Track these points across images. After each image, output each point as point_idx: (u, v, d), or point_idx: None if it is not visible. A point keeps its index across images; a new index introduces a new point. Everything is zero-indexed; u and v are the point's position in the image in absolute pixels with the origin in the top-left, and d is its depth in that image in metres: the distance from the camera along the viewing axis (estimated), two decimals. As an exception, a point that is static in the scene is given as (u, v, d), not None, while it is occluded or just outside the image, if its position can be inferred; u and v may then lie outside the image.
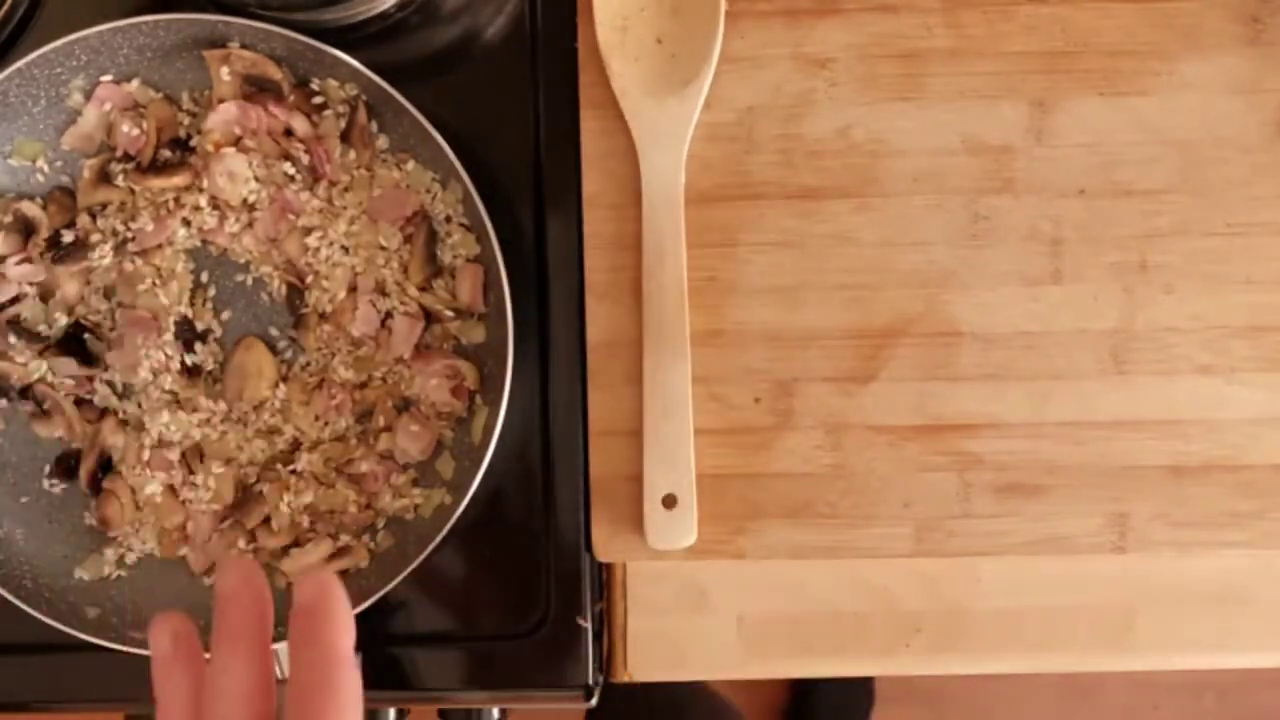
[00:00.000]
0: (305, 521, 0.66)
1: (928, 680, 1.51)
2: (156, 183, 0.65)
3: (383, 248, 0.65)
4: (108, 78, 0.65)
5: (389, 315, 0.66)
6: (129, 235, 0.66)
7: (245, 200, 0.66)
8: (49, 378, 0.66)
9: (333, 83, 0.65)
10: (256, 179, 0.65)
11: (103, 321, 0.67)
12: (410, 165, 0.66)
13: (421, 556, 0.62)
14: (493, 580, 0.66)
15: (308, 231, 0.66)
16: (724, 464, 0.65)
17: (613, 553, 0.66)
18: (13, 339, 0.66)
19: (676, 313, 0.65)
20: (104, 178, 0.66)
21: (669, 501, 0.64)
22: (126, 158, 0.66)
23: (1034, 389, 0.65)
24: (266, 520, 0.65)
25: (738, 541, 0.65)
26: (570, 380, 0.66)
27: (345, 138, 0.65)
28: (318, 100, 0.65)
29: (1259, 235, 0.65)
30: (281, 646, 0.62)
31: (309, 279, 0.66)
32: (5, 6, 0.67)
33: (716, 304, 0.66)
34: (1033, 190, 0.65)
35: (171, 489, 0.66)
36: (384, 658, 0.66)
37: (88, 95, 0.66)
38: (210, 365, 0.67)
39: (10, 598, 0.62)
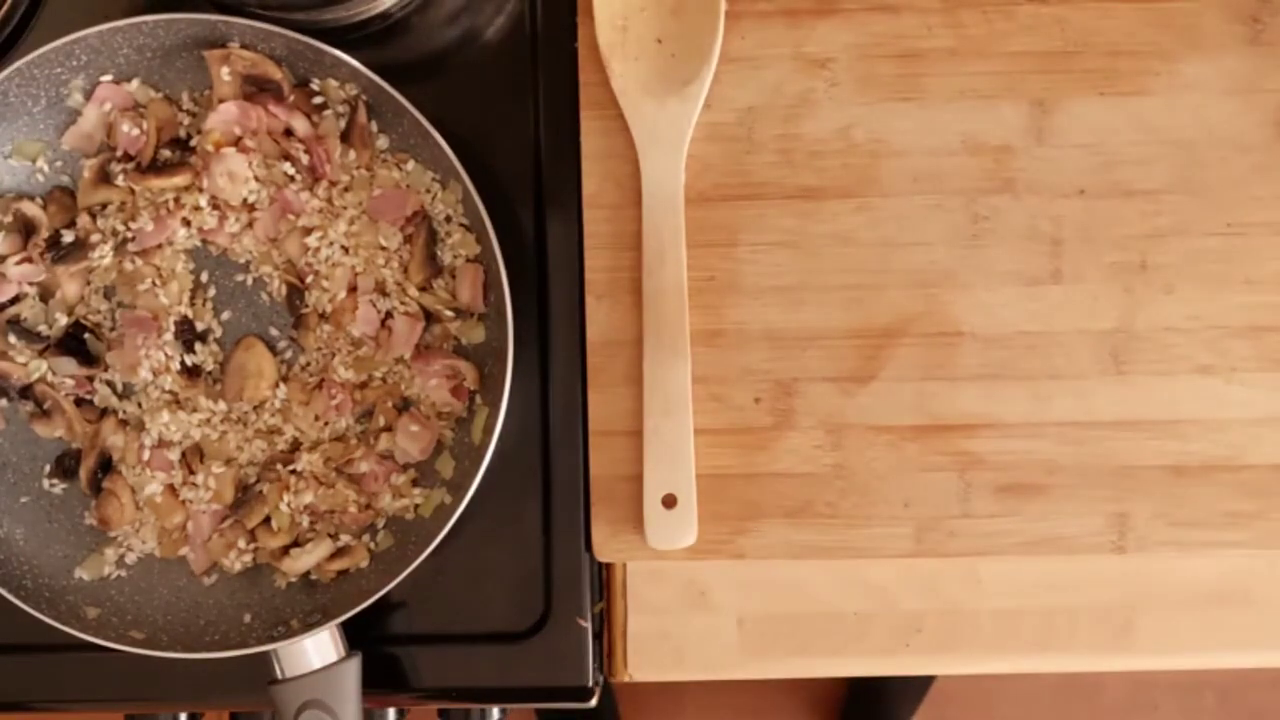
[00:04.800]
0: (305, 521, 0.66)
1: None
2: (156, 183, 0.65)
3: (383, 248, 0.65)
4: (108, 78, 0.65)
5: (389, 315, 0.65)
6: (129, 235, 0.66)
7: (245, 200, 0.65)
8: (49, 378, 0.66)
9: (333, 83, 0.65)
10: (256, 179, 0.65)
11: (103, 321, 0.67)
12: (410, 165, 0.66)
13: (421, 556, 0.62)
14: (493, 580, 0.66)
15: (308, 231, 0.66)
16: (724, 464, 0.65)
17: (613, 553, 0.66)
18: (13, 339, 0.66)
19: (676, 313, 0.65)
20: (104, 178, 0.66)
21: (669, 501, 0.64)
22: (126, 158, 0.66)
23: (1034, 389, 0.65)
24: (266, 520, 0.65)
25: (738, 541, 0.65)
26: (570, 380, 0.66)
27: (345, 138, 0.65)
28: (318, 100, 0.65)
29: (1259, 235, 0.65)
30: (281, 646, 0.63)
31: (309, 279, 0.66)
32: (5, 6, 0.67)
33: (716, 304, 0.66)
34: (1033, 190, 0.65)
35: (171, 489, 0.66)
36: (384, 658, 0.66)
37: (88, 95, 0.66)
38: (210, 365, 0.67)
39: (10, 598, 0.62)
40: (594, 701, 0.66)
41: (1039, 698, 1.52)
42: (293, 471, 0.65)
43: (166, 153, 0.66)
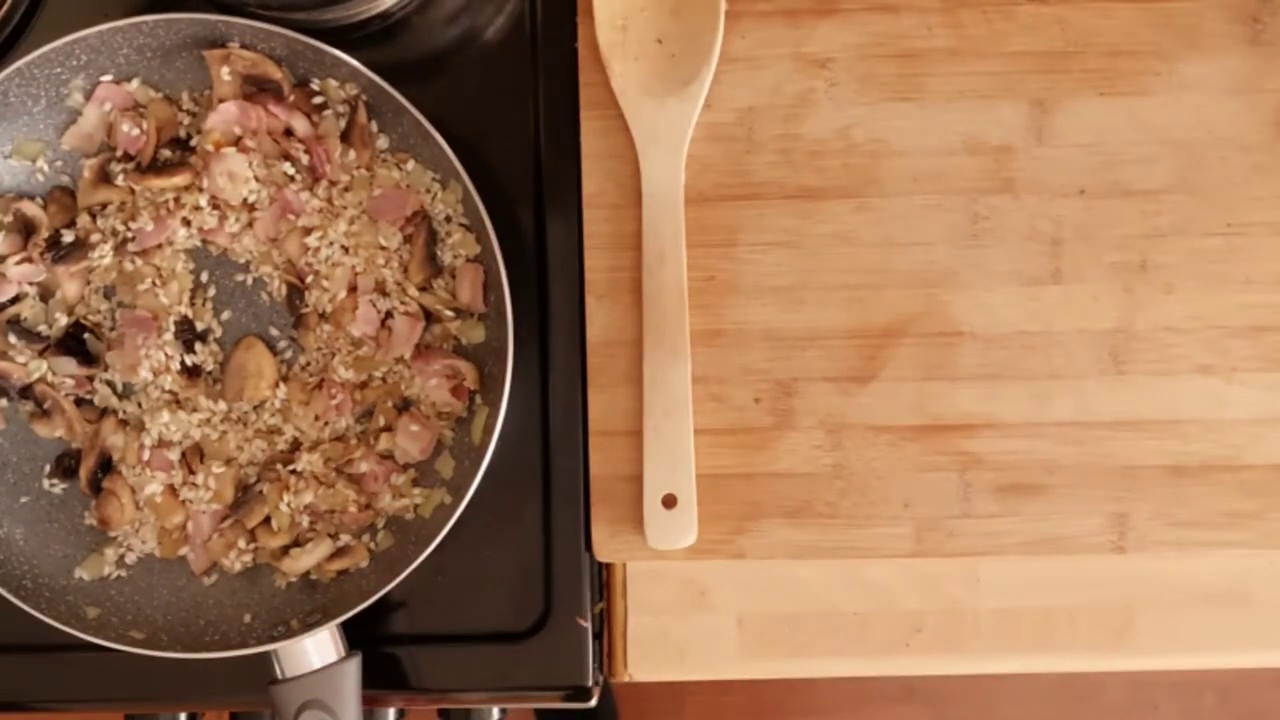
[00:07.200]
0: (305, 521, 0.66)
1: (928, 680, 1.51)
2: (156, 183, 0.65)
3: (383, 248, 0.65)
4: (108, 78, 0.65)
5: (389, 315, 0.65)
6: (129, 235, 0.66)
7: (245, 200, 0.66)
8: (49, 378, 0.66)
9: (333, 83, 0.65)
10: (256, 179, 0.65)
11: (103, 321, 0.67)
12: (410, 165, 0.66)
13: (421, 556, 0.62)
14: (493, 580, 0.66)
15: (308, 231, 0.66)
16: (724, 464, 0.65)
17: (613, 553, 0.66)
18: (13, 339, 0.66)
19: (676, 313, 0.65)
20: (104, 178, 0.66)
21: (669, 501, 0.64)
22: (126, 158, 0.66)
23: (1034, 389, 0.65)
24: (266, 520, 0.65)
25: (738, 541, 0.65)
26: (570, 380, 0.66)
27: (345, 138, 0.65)
28: (318, 100, 0.65)
29: (1259, 235, 0.65)
30: (281, 646, 0.63)
31: (309, 279, 0.66)
32: (5, 6, 0.67)
33: (716, 304, 0.66)
34: (1033, 190, 0.65)
35: (171, 489, 0.66)
36: (384, 658, 0.66)
37: (88, 95, 0.66)
38: (210, 365, 0.67)
39: (10, 598, 0.62)
40: (594, 701, 0.66)
41: (1039, 698, 1.52)
42: (293, 471, 0.65)
43: (166, 153, 0.66)
